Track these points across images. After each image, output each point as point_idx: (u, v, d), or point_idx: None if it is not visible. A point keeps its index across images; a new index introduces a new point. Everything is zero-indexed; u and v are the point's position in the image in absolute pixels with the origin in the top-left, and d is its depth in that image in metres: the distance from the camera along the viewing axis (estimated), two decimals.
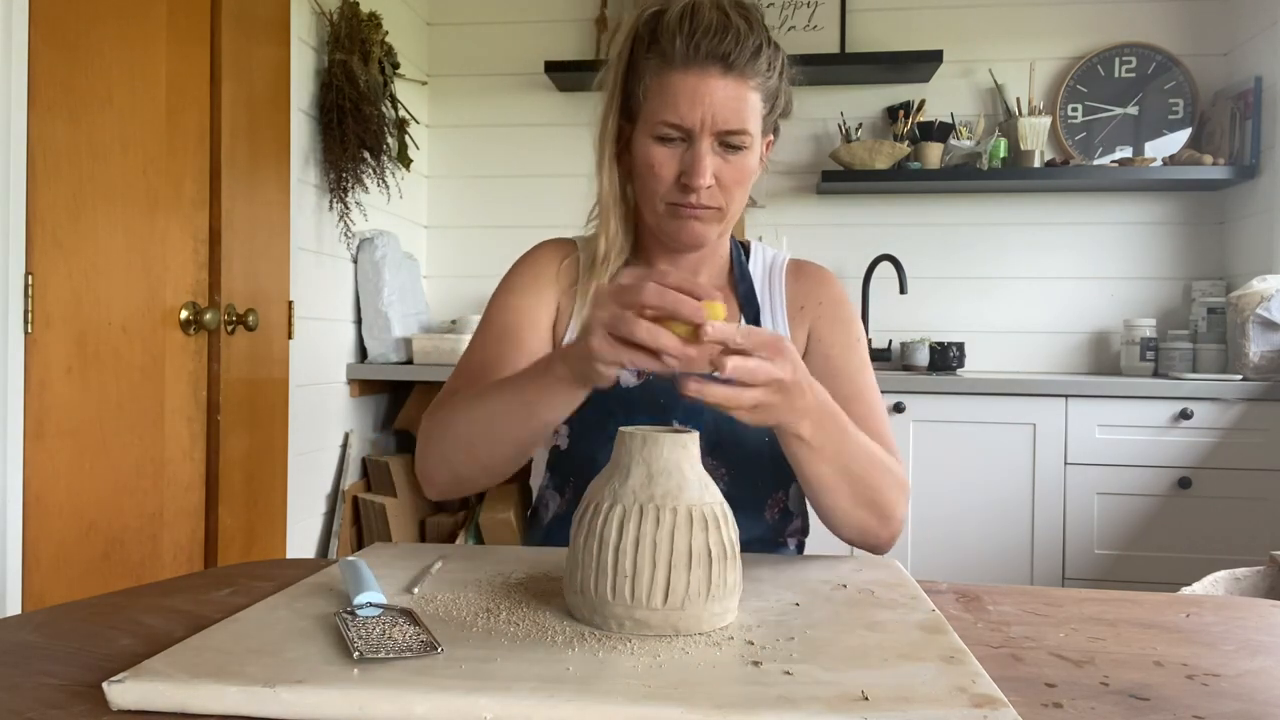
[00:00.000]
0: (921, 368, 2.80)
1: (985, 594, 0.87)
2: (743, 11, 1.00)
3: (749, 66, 0.99)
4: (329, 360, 2.55)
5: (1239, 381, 2.44)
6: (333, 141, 2.43)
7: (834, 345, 1.12)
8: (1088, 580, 2.49)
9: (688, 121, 0.99)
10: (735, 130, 0.99)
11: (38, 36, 1.49)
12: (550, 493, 1.14)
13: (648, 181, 1.04)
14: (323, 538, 2.54)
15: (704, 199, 1.02)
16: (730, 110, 0.99)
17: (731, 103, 0.98)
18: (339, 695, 0.56)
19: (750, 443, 1.06)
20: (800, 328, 1.14)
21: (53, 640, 0.71)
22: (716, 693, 0.57)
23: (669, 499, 0.71)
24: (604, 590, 0.69)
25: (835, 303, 1.16)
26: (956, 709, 0.55)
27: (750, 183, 1.06)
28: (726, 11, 0.99)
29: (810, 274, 1.18)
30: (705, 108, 0.98)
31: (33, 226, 1.49)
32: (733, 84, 0.98)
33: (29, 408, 1.49)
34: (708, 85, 0.98)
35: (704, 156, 1.00)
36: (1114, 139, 2.97)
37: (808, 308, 1.15)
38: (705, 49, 0.97)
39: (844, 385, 1.07)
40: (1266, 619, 0.81)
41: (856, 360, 1.12)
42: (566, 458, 1.10)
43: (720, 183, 1.02)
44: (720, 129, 0.99)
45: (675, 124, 0.99)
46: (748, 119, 1.00)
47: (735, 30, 0.98)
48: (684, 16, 0.98)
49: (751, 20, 1.00)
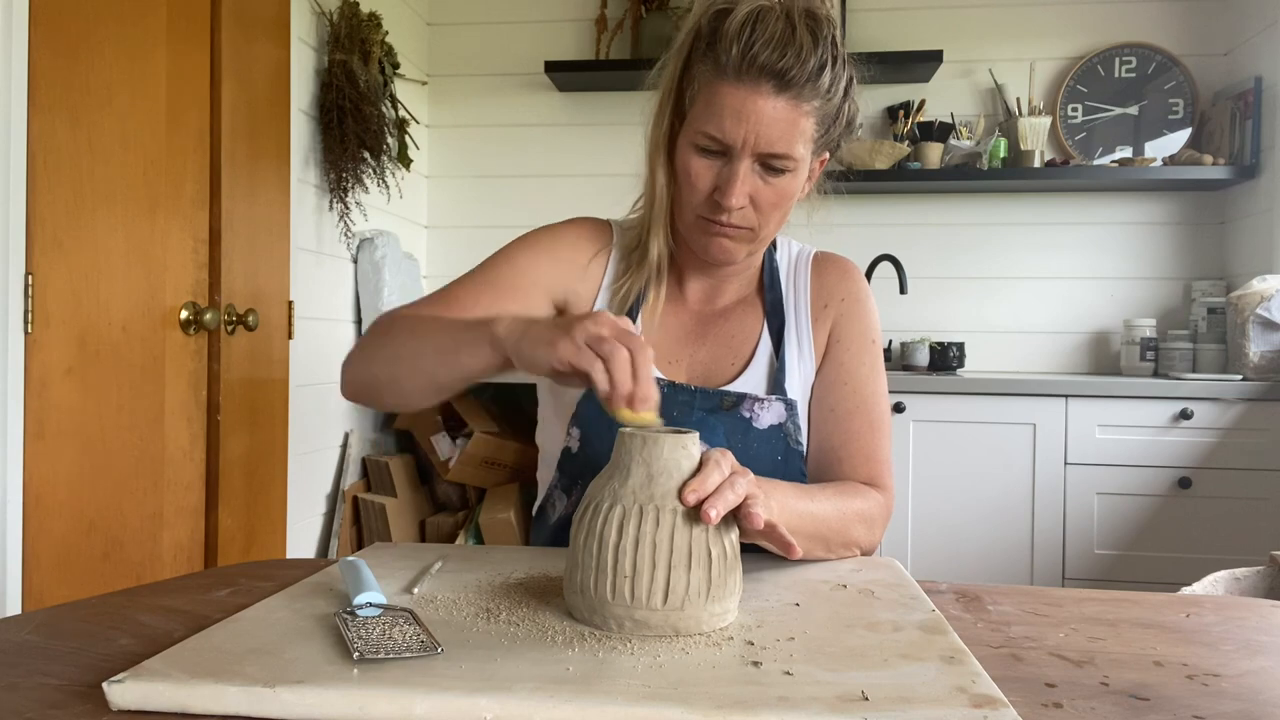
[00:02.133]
0: (921, 368, 2.80)
1: (985, 594, 0.87)
2: (812, 24, 0.93)
3: (807, 87, 0.92)
4: (329, 360, 2.55)
5: (1239, 381, 2.44)
6: (333, 141, 2.43)
7: (849, 348, 1.10)
8: (1088, 580, 2.49)
9: (729, 138, 0.94)
10: (779, 154, 0.94)
11: (38, 36, 1.49)
12: (558, 493, 1.13)
13: (683, 188, 1.00)
14: (323, 538, 2.54)
15: (735, 219, 0.98)
16: (777, 133, 0.93)
17: (779, 125, 0.93)
18: (339, 695, 0.56)
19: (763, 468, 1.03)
20: (823, 327, 1.12)
21: (53, 640, 0.71)
22: (716, 693, 0.57)
23: (669, 499, 0.71)
24: (604, 590, 0.69)
25: (855, 299, 1.13)
26: (956, 709, 0.55)
27: (790, 205, 1.01)
28: (794, 24, 0.92)
29: (834, 268, 1.16)
30: (749, 126, 0.93)
31: (33, 226, 1.49)
32: (785, 105, 0.92)
33: (29, 408, 1.49)
34: (756, 103, 0.92)
35: (739, 177, 0.95)
36: (1114, 139, 2.97)
37: (831, 305, 1.12)
38: (761, 62, 0.91)
39: (849, 396, 1.07)
40: (1266, 619, 0.81)
41: (868, 366, 1.10)
42: (576, 459, 1.09)
43: (756, 204, 0.98)
44: (763, 150, 0.94)
45: (716, 137, 0.94)
46: (794, 143, 0.94)
47: (798, 46, 0.91)
48: (746, 23, 0.92)
49: (819, 36, 0.93)
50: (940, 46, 2.92)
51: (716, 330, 1.12)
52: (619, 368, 0.73)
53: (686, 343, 1.11)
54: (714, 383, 1.08)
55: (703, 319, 1.12)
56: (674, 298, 1.13)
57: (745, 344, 1.10)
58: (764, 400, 1.05)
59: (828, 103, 0.95)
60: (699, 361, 1.11)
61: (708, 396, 1.05)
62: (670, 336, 1.11)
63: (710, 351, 1.11)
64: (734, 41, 0.91)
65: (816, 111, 0.95)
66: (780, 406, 1.06)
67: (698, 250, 1.05)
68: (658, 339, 1.10)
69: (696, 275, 1.12)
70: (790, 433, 1.06)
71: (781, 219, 1.03)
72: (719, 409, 1.05)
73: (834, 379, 1.09)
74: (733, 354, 1.10)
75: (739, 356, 1.10)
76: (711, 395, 1.05)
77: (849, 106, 1.00)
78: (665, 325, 1.11)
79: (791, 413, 1.06)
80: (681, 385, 1.06)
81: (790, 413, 1.06)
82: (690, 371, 1.10)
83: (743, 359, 1.09)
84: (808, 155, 0.98)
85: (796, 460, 1.06)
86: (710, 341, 1.11)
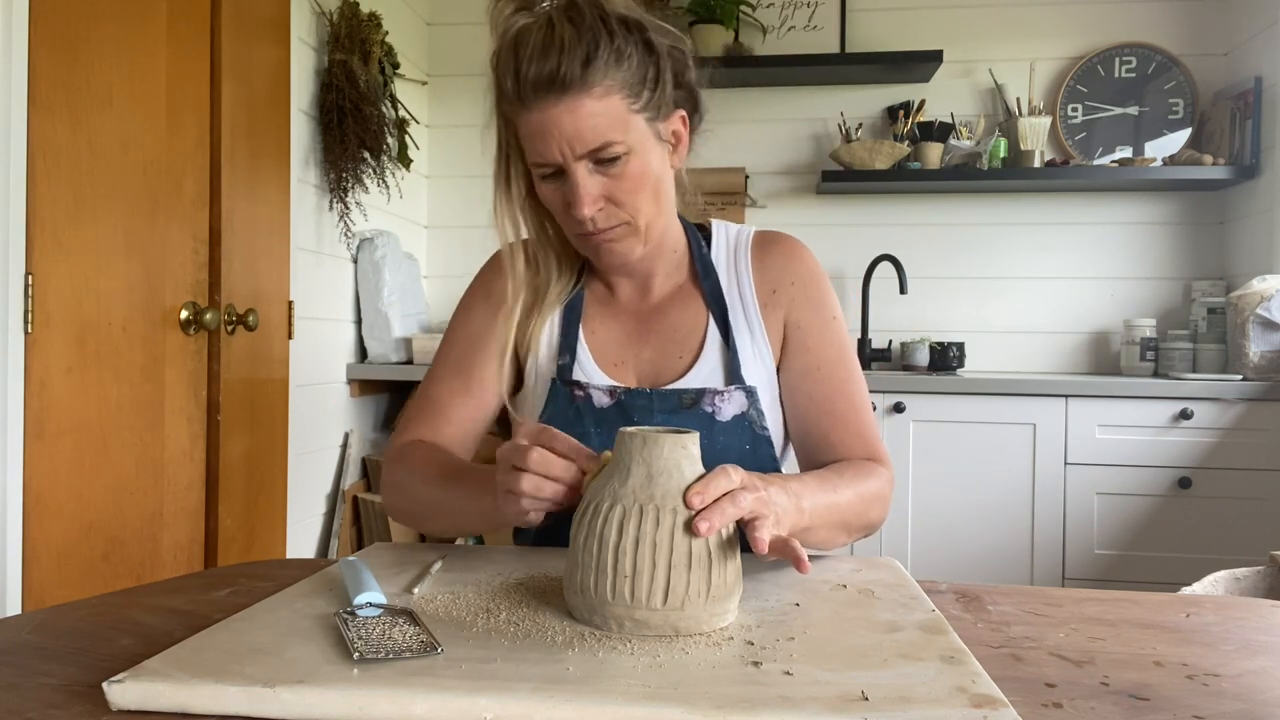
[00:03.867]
0: (921, 368, 2.80)
1: (985, 594, 0.87)
2: (572, 14, 0.91)
3: (585, 75, 0.90)
4: (329, 360, 2.55)
5: (1239, 381, 2.44)
6: (333, 141, 2.43)
7: (812, 333, 1.08)
8: (1088, 580, 2.49)
9: (548, 158, 0.94)
10: (597, 148, 0.93)
11: (38, 36, 1.49)
12: None
13: (556, 217, 1.02)
14: (323, 538, 2.54)
15: (602, 222, 0.98)
16: (585, 129, 0.91)
17: (582, 122, 0.91)
18: (339, 695, 0.56)
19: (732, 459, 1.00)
20: (775, 315, 1.09)
21: (53, 640, 0.71)
22: (716, 693, 0.57)
23: (669, 499, 0.71)
24: (604, 590, 0.69)
25: (807, 282, 1.10)
26: (956, 709, 0.55)
27: (653, 184, 0.98)
28: (554, 24, 0.91)
29: (778, 249, 1.12)
30: (556, 139, 0.92)
31: (33, 226, 1.49)
32: (572, 103, 0.91)
33: (29, 407, 1.49)
34: (548, 115, 0.91)
35: (580, 185, 0.94)
36: (1114, 139, 2.97)
37: (780, 291, 1.10)
38: (533, 80, 0.90)
39: (825, 381, 1.07)
40: (1266, 619, 0.81)
41: (834, 346, 1.08)
42: None
43: (614, 199, 0.97)
44: (583, 152, 0.93)
45: (539, 163, 0.96)
46: (607, 131, 0.92)
47: (559, 45, 0.89)
48: (509, 50, 0.92)
49: (580, 22, 0.91)
50: (940, 46, 2.92)
51: (658, 326, 1.10)
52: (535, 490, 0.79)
53: (629, 343, 1.10)
54: (664, 380, 1.07)
55: (641, 317, 1.11)
56: (606, 301, 1.12)
57: (691, 336, 1.09)
58: (724, 392, 1.04)
59: (627, 71, 0.92)
60: (645, 360, 1.09)
61: (665, 398, 1.04)
62: (612, 340, 1.10)
63: (655, 348, 1.09)
64: (506, 74, 0.93)
65: (616, 86, 0.92)
66: (741, 395, 1.04)
67: (596, 264, 1.06)
68: (601, 345, 1.10)
69: (618, 276, 1.11)
70: (754, 420, 1.05)
71: (656, 199, 1.00)
72: (679, 408, 1.04)
73: (805, 367, 1.07)
74: (679, 347, 1.09)
75: (686, 349, 1.08)
76: (669, 396, 1.04)
77: (659, 58, 0.96)
78: (606, 329, 1.11)
79: (753, 399, 1.05)
80: (638, 390, 1.05)
81: (751, 400, 1.05)
82: (638, 371, 1.09)
83: (691, 351, 1.08)
84: (638, 129, 0.95)
85: (765, 446, 1.06)
86: (654, 338, 1.10)
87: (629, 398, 1.04)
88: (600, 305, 1.12)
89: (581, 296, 1.12)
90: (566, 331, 1.10)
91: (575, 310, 1.11)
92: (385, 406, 2.94)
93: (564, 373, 1.08)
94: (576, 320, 1.10)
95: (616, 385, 1.06)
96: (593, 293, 1.13)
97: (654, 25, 0.97)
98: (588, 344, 1.10)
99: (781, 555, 0.74)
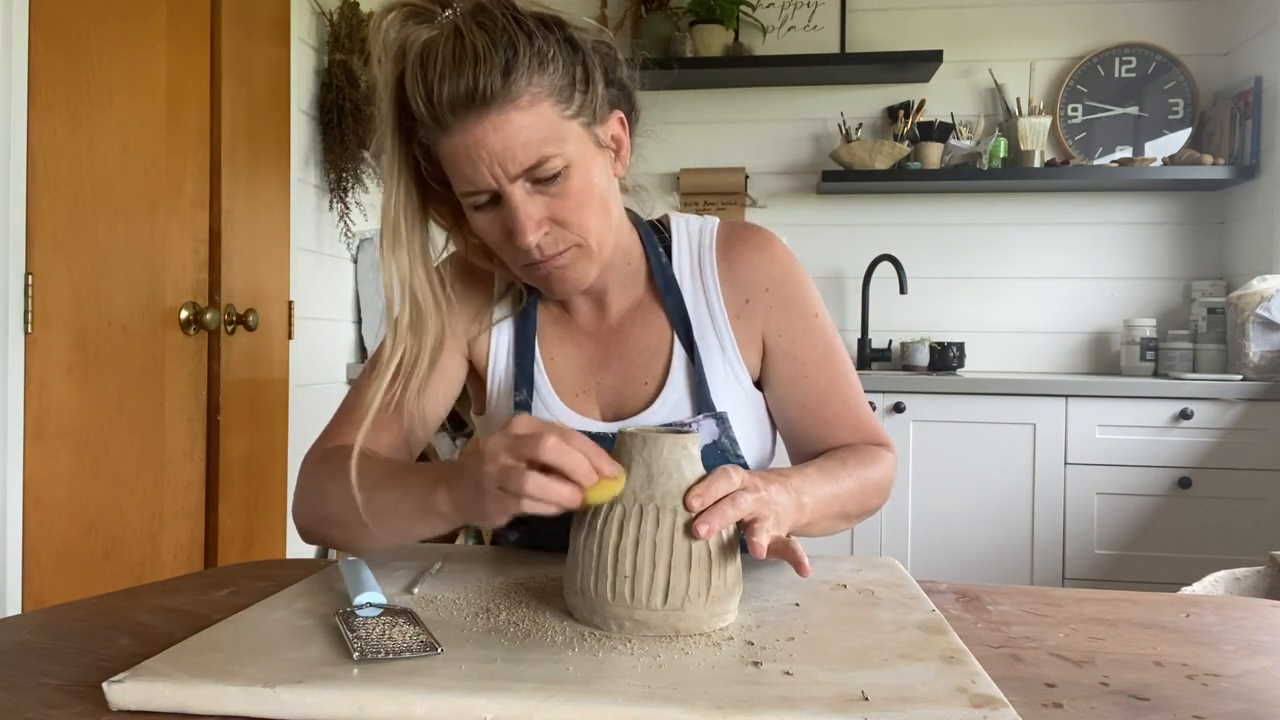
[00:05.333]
0: (921, 368, 2.80)
1: (985, 594, 0.87)
2: (483, 20, 0.80)
3: (508, 87, 0.79)
4: (329, 360, 2.55)
5: (1239, 381, 2.44)
6: (333, 141, 2.43)
7: (796, 340, 1.00)
8: (1088, 580, 2.49)
9: (480, 184, 0.83)
10: (533, 165, 0.82)
11: (38, 36, 1.49)
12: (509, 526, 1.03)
13: (495, 250, 0.91)
14: None
15: (549, 248, 0.86)
16: (516, 146, 0.81)
17: (511, 138, 0.80)
18: (339, 695, 0.56)
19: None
20: (749, 327, 1.00)
21: (53, 640, 0.71)
22: (716, 693, 0.57)
23: (669, 499, 0.71)
24: (604, 590, 0.69)
25: (782, 283, 1.00)
26: (956, 709, 0.55)
27: (599, 198, 0.88)
28: (463, 34, 0.80)
29: (746, 248, 1.01)
30: (485, 162, 0.81)
31: (33, 226, 1.49)
32: (497, 118, 0.80)
33: (29, 408, 1.49)
34: (474, 136, 0.80)
35: (519, 210, 0.83)
36: (1114, 139, 2.97)
37: (754, 300, 1.00)
38: (448, 100, 0.79)
39: (814, 389, 1.00)
40: (1266, 619, 0.81)
41: (820, 347, 1.00)
42: None
43: (559, 220, 0.86)
44: (517, 172, 0.82)
45: (469, 191, 0.85)
46: (542, 143, 0.82)
47: (473, 56, 0.79)
48: (416, 69, 0.81)
49: (492, 28, 0.80)
50: (940, 46, 2.92)
51: (619, 349, 1.01)
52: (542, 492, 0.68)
53: (590, 370, 1.01)
54: (629, 409, 0.99)
55: (600, 339, 1.01)
56: (562, 322, 1.03)
57: (655, 358, 1.00)
58: (691, 423, 0.96)
59: (552, 76, 0.82)
60: (608, 388, 1.00)
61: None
62: (572, 367, 1.01)
63: (618, 374, 1.00)
64: (416, 97, 0.81)
65: (542, 94, 0.82)
66: (711, 424, 0.96)
67: (548, 294, 0.94)
68: (560, 373, 1.01)
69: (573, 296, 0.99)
70: (727, 448, 0.97)
71: (605, 214, 0.90)
72: None
73: (794, 375, 1.00)
74: (644, 372, 0.99)
75: (652, 374, 0.99)
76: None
77: (588, 58, 0.86)
78: (564, 355, 1.02)
79: (724, 426, 0.97)
80: (599, 433, 0.95)
81: (723, 426, 0.97)
82: (601, 400, 1.00)
83: (656, 376, 0.99)
84: (575, 137, 0.85)
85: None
86: (615, 363, 1.01)
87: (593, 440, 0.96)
88: (556, 326, 1.03)
89: (533, 313, 1.02)
90: (521, 356, 1.00)
91: (528, 330, 1.01)
92: None
93: (523, 409, 0.99)
94: (531, 341, 1.01)
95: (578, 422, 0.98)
96: (546, 310, 1.03)
97: (573, 21, 0.87)
98: (547, 372, 1.01)
99: (782, 557, 0.73)
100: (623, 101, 0.92)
